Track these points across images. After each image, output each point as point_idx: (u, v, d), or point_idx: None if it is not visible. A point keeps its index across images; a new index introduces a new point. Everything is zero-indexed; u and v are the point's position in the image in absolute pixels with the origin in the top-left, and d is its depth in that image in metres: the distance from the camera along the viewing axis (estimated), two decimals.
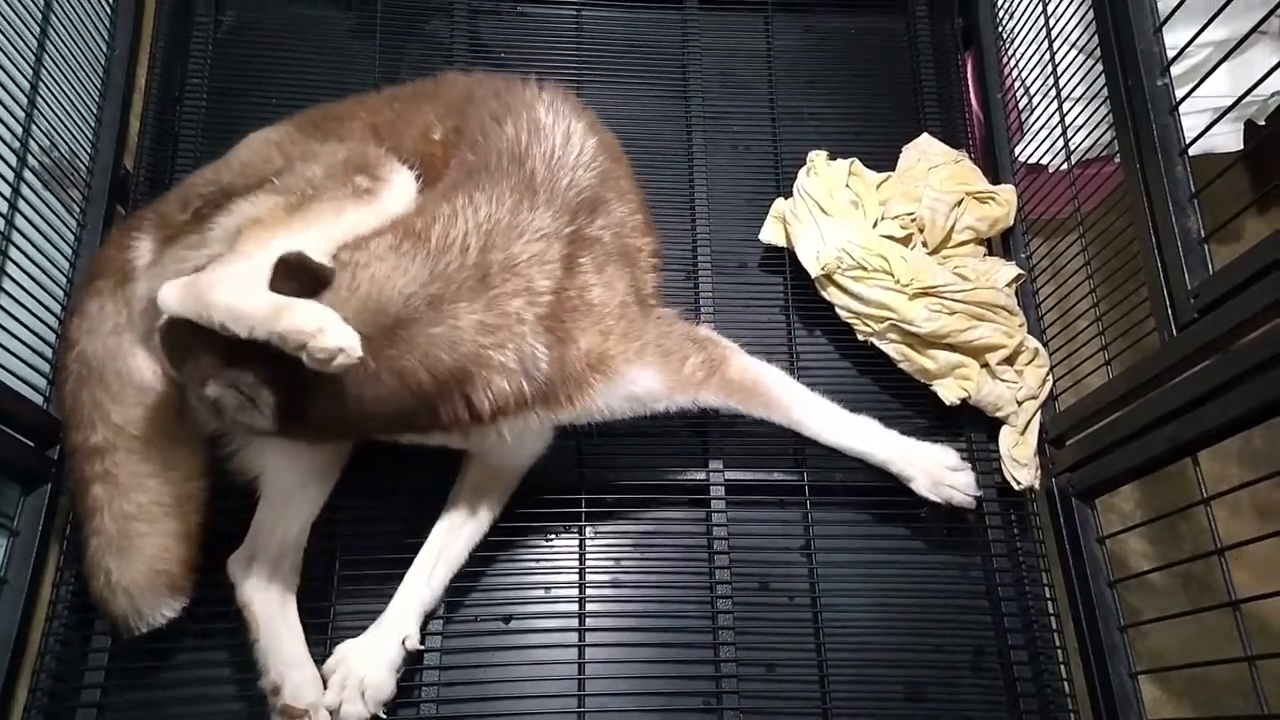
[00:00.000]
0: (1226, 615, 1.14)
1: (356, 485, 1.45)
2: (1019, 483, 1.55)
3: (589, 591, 1.49)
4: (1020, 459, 1.55)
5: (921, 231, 1.67)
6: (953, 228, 1.67)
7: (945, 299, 1.56)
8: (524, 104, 1.40)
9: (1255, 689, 1.10)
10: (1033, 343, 1.61)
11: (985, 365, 1.57)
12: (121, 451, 1.33)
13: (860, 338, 1.62)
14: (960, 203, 1.68)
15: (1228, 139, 1.66)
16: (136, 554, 1.30)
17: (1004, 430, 1.58)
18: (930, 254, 1.66)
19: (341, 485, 1.43)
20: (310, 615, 1.37)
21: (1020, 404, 1.57)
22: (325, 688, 1.29)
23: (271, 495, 1.38)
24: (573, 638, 1.45)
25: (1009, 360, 1.58)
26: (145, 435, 1.34)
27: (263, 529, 1.37)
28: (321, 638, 1.39)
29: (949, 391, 1.57)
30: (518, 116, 1.37)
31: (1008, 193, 1.73)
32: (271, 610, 1.32)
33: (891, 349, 1.59)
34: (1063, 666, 1.48)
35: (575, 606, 1.47)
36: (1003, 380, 1.57)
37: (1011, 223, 1.73)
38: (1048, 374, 1.60)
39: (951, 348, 1.57)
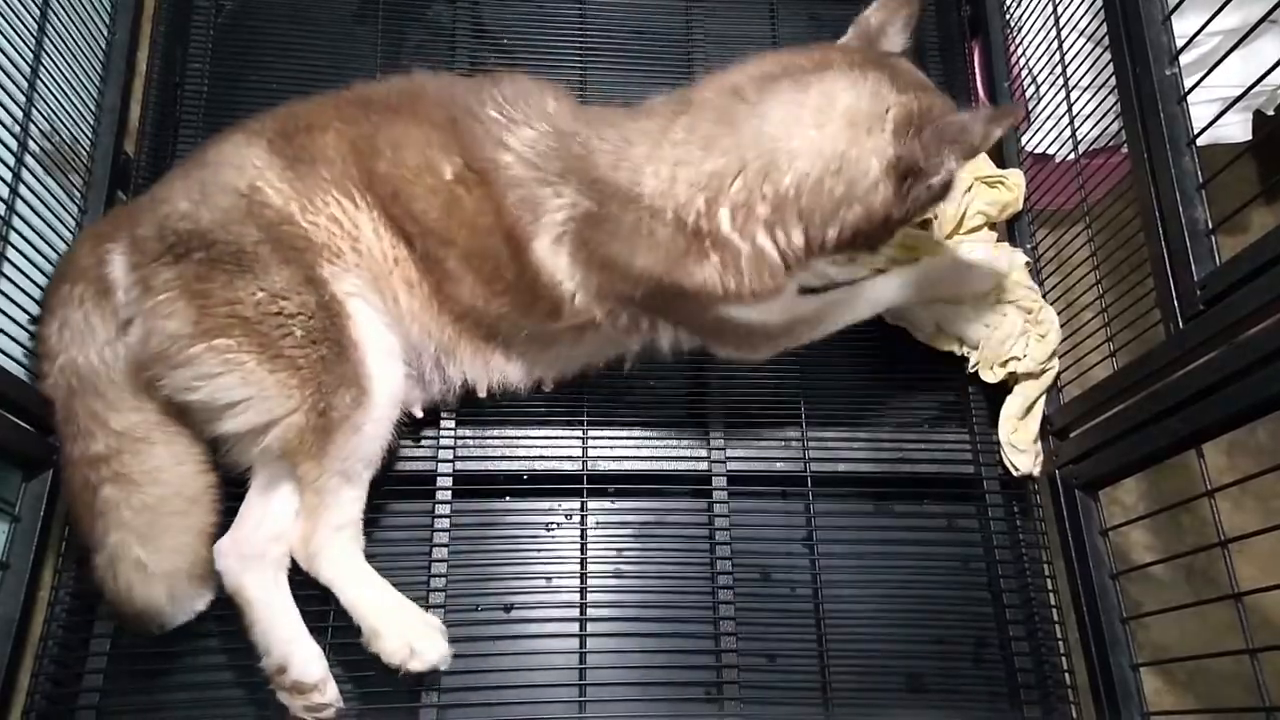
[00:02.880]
0: (1229, 608, 1.14)
1: None
2: (1018, 469, 1.54)
3: (590, 581, 1.48)
4: (1019, 445, 1.55)
5: (935, 218, 1.66)
6: (964, 214, 1.66)
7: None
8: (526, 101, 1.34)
9: (1257, 682, 1.10)
10: (1050, 315, 1.60)
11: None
12: (127, 454, 1.32)
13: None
14: (970, 188, 1.67)
15: (1236, 129, 1.65)
16: (169, 540, 1.29)
17: (1002, 417, 1.57)
18: (945, 239, 1.66)
19: None
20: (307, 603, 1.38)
21: (1018, 379, 1.57)
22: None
23: (263, 480, 1.38)
24: (574, 627, 1.45)
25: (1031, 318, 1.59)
26: (149, 437, 1.34)
27: (251, 513, 1.36)
28: (322, 625, 1.39)
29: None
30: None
31: (1016, 177, 1.72)
32: (264, 592, 1.31)
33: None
34: (1064, 658, 1.48)
35: (576, 596, 1.47)
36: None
37: (1020, 207, 1.72)
38: (1053, 355, 1.59)
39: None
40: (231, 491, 1.39)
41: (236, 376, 1.27)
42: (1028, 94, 1.83)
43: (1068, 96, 1.64)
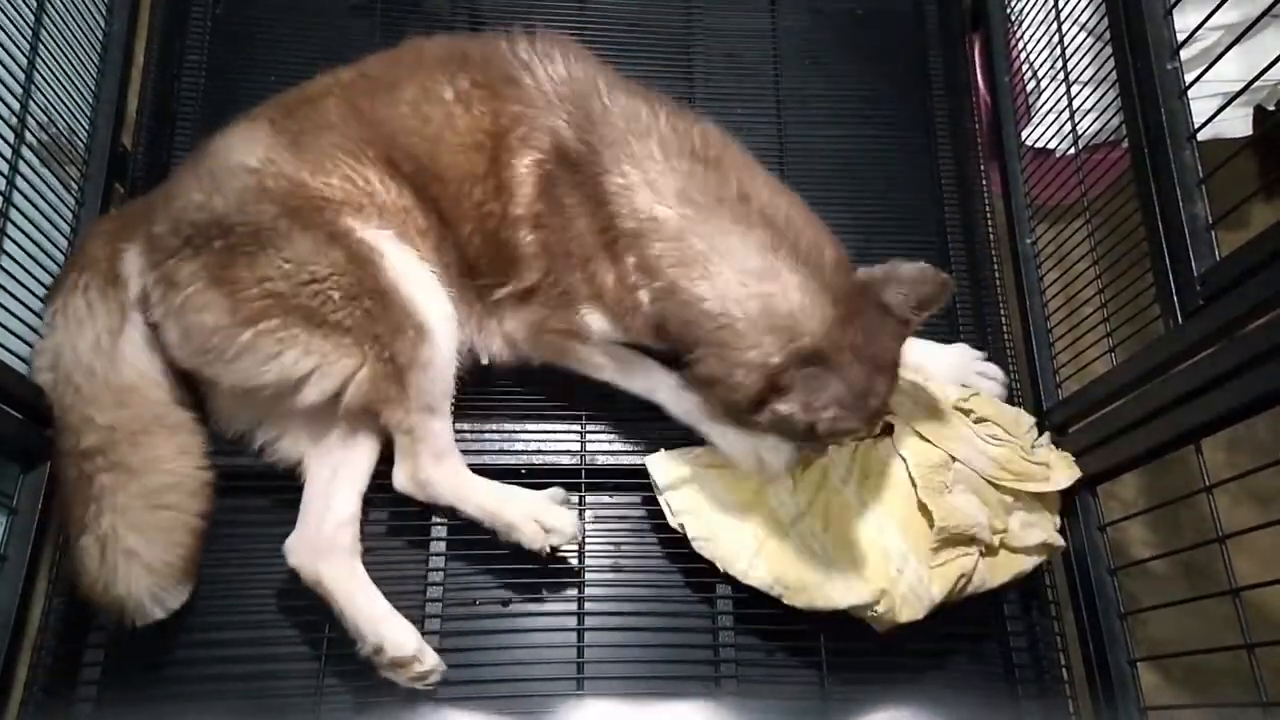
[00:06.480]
0: (1227, 603, 1.14)
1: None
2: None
3: (588, 575, 1.48)
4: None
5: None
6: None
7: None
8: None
9: (1255, 677, 1.10)
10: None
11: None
12: (124, 445, 1.31)
13: None
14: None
15: (1236, 124, 1.65)
16: (162, 531, 1.29)
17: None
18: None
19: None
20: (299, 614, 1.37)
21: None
22: None
23: (317, 475, 1.39)
24: (571, 621, 1.45)
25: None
26: (145, 428, 1.33)
27: (313, 508, 1.38)
28: (318, 636, 1.39)
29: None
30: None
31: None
32: (344, 581, 1.33)
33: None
34: (1061, 653, 1.48)
35: (574, 590, 1.47)
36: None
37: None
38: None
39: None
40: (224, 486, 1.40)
41: (297, 351, 1.28)
42: (1028, 88, 1.83)
43: (1068, 91, 1.64)
